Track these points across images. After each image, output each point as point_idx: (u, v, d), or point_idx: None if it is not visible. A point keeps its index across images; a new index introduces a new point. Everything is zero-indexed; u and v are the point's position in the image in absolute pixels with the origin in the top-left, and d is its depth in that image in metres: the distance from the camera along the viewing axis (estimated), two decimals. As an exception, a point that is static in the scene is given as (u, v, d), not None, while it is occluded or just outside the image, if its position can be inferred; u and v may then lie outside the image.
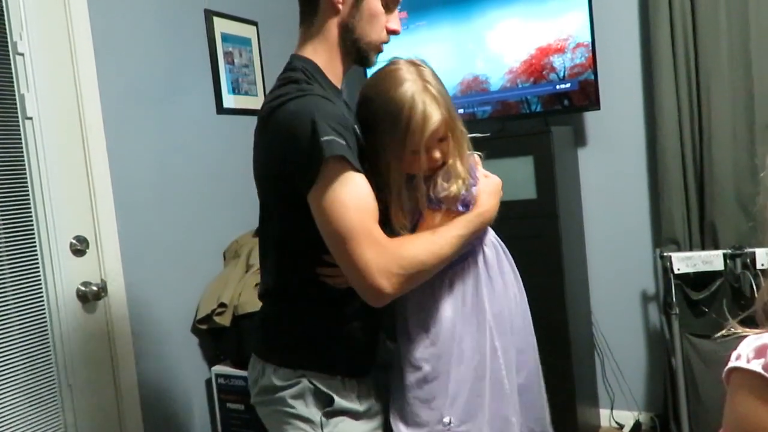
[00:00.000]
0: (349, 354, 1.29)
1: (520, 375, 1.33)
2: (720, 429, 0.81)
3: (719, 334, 0.77)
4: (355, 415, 1.28)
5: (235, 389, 2.39)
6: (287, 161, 1.16)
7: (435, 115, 1.17)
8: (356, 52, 1.30)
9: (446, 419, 1.25)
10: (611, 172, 2.83)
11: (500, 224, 1.35)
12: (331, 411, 1.25)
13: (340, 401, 1.26)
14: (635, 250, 2.81)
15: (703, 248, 2.60)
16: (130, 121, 2.23)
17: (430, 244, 1.19)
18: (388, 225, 1.22)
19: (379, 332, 1.36)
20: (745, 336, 0.72)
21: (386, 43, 1.32)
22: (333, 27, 1.27)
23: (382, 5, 1.28)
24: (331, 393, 1.25)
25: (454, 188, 1.23)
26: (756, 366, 0.66)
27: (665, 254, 2.52)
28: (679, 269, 2.47)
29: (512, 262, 1.40)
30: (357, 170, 1.14)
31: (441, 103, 1.19)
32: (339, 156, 1.10)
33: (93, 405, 2.04)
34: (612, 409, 2.89)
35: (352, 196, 1.12)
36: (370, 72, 1.34)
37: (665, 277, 2.55)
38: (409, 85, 1.19)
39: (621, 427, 2.86)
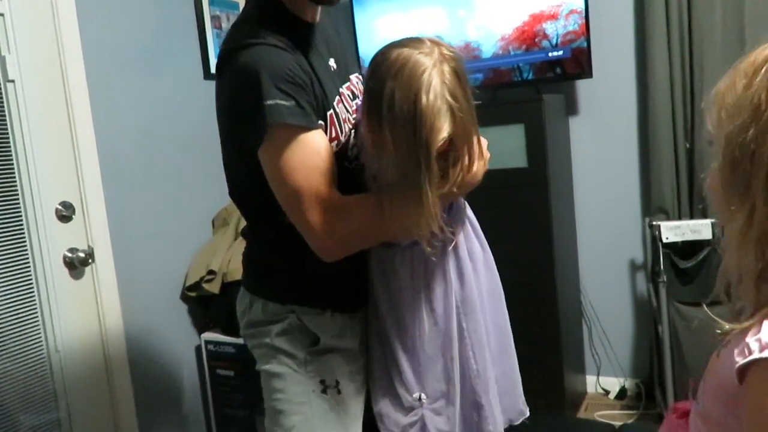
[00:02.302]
0: (337, 288, 1.28)
1: (494, 361, 1.31)
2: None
3: (721, 347, 0.74)
4: (342, 353, 1.28)
5: (224, 356, 2.40)
6: (236, 116, 1.15)
7: (444, 131, 1.08)
8: None
9: (416, 395, 1.26)
10: (602, 140, 2.82)
11: (491, 192, 1.34)
12: (316, 350, 1.25)
13: (325, 339, 1.25)
14: (624, 218, 2.81)
15: (691, 217, 2.61)
16: (116, 84, 2.19)
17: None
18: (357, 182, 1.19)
19: (364, 265, 1.31)
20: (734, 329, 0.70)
21: None
22: None
23: None
24: (317, 332, 1.25)
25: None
26: None
27: (654, 223, 2.53)
28: (667, 238, 2.48)
29: (482, 239, 1.36)
30: (307, 128, 1.11)
31: (457, 111, 1.08)
32: (282, 123, 1.08)
33: (82, 371, 2.04)
34: (598, 375, 2.93)
35: (299, 158, 1.11)
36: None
37: (653, 245, 2.56)
38: (431, 93, 1.06)
39: (607, 393, 2.90)
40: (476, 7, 2.66)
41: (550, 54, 2.58)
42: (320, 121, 1.17)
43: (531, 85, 2.66)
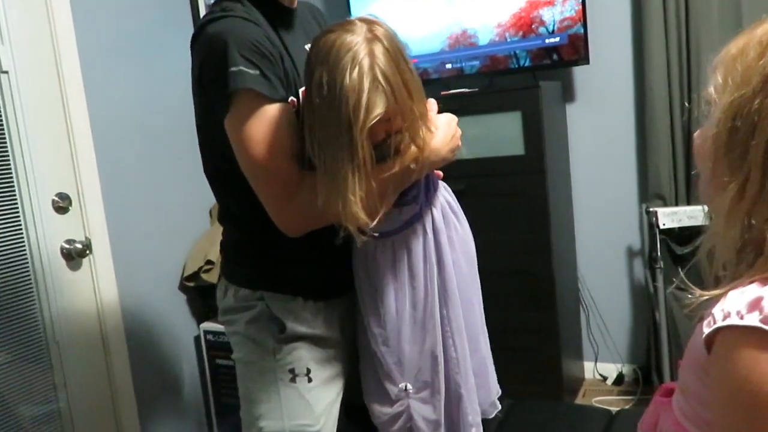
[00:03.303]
0: (309, 275, 1.27)
1: (473, 356, 1.30)
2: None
3: (688, 309, 0.73)
4: (314, 341, 1.26)
5: (224, 345, 2.40)
6: (204, 87, 1.16)
7: (378, 107, 1.04)
8: None
9: (402, 385, 1.25)
10: (599, 127, 2.81)
11: (488, 180, 1.33)
12: (284, 337, 1.24)
13: (293, 326, 1.24)
14: (622, 205, 2.81)
15: (688, 203, 2.61)
16: (111, 75, 2.18)
17: None
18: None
19: (344, 254, 1.28)
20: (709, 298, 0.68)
21: None
22: None
23: None
24: (283, 318, 1.24)
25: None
26: (753, 320, 0.62)
27: (651, 209, 2.54)
28: (664, 224, 2.49)
29: (465, 225, 1.32)
30: (271, 100, 1.11)
31: (387, 89, 1.04)
32: (247, 89, 1.08)
33: (81, 362, 2.04)
34: (596, 361, 2.94)
35: (259, 130, 1.11)
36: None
37: (651, 232, 2.57)
38: (356, 71, 1.03)
39: (605, 379, 2.92)
40: (473, -7, 2.64)
41: (546, 40, 2.57)
42: (292, 98, 1.17)
43: (528, 72, 2.65)
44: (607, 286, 2.88)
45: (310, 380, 1.25)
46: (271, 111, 1.12)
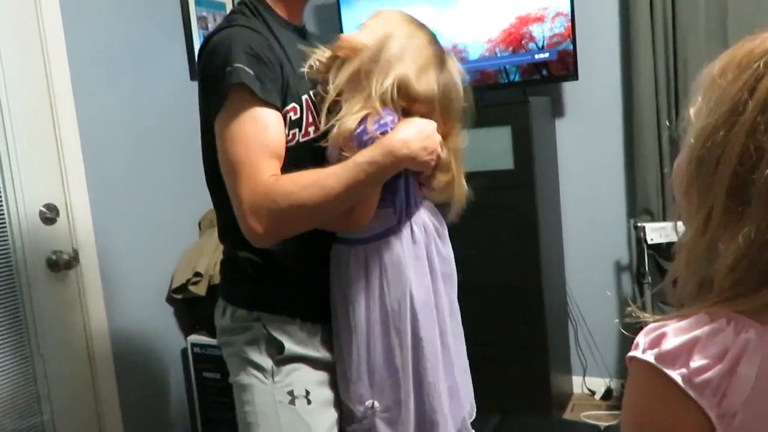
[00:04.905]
0: (305, 295, 1.26)
1: (448, 376, 1.27)
2: None
3: (618, 320, 0.73)
4: (311, 363, 1.25)
5: (211, 358, 2.38)
6: (205, 90, 1.17)
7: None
8: None
9: (368, 403, 1.22)
10: (588, 142, 2.83)
11: (477, 194, 1.33)
12: (282, 359, 1.23)
13: (291, 347, 1.23)
14: (610, 220, 2.83)
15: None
16: (101, 85, 2.18)
17: (313, 180, 1.11)
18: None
19: None
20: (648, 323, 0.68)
21: None
22: None
23: None
24: (282, 339, 1.22)
25: (347, 123, 1.14)
26: (649, 356, 0.62)
27: (639, 224, 2.55)
28: (652, 239, 2.50)
29: (448, 248, 1.31)
30: (263, 102, 1.11)
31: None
32: (241, 83, 1.09)
33: (66, 374, 2.02)
34: (584, 376, 2.95)
35: (245, 130, 1.11)
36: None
37: (639, 247, 2.58)
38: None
39: (593, 393, 2.92)
40: (463, 9, 2.67)
41: (536, 56, 2.59)
42: (294, 104, 1.18)
43: (517, 87, 2.67)
44: (595, 301, 2.89)
45: (309, 402, 1.23)
46: (259, 114, 1.12)
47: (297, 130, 1.19)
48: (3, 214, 1.87)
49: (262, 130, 1.12)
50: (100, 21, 2.18)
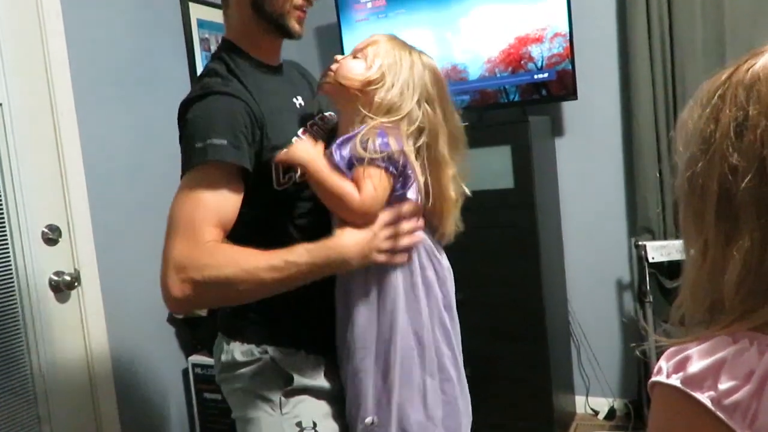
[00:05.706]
0: (311, 328, 1.26)
1: (444, 407, 1.26)
2: None
3: (640, 350, 0.73)
4: (318, 394, 1.25)
5: (212, 379, 2.37)
6: (180, 147, 1.18)
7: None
8: (272, 23, 1.24)
9: (368, 420, 1.22)
10: (588, 161, 2.85)
11: (478, 213, 1.33)
12: (290, 390, 1.23)
13: (300, 379, 1.23)
14: (611, 239, 2.83)
15: (677, 237, 2.63)
16: (104, 107, 2.19)
17: (248, 260, 1.09)
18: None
19: None
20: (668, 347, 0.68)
21: (301, 8, 1.25)
22: (244, 4, 1.24)
23: None
24: (290, 371, 1.22)
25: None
26: (675, 381, 0.62)
27: (640, 243, 2.55)
28: (653, 258, 2.50)
29: (450, 294, 1.31)
30: (232, 173, 1.12)
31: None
32: (212, 160, 1.10)
33: (67, 395, 2.01)
34: (587, 396, 2.93)
35: (201, 196, 1.11)
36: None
37: (640, 265, 2.58)
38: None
39: (596, 413, 2.90)
40: (463, 29, 2.69)
41: (535, 76, 2.61)
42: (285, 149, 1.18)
43: (517, 107, 2.69)
44: (597, 319, 2.88)
45: None
46: (223, 184, 1.12)
47: (293, 172, 1.20)
48: (5, 235, 1.88)
49: (217, 200, 1.12)
50: (103, 43, 2.21)
